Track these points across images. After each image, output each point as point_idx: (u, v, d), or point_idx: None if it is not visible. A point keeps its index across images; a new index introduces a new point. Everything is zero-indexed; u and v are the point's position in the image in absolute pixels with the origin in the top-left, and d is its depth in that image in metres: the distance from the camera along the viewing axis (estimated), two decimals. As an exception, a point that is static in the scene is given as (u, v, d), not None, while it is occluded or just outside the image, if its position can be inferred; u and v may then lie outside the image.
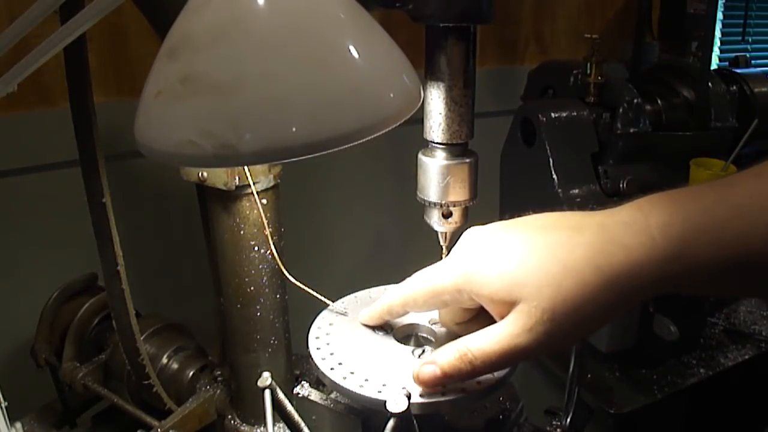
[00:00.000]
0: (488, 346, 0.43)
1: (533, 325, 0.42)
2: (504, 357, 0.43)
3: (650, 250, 0.41)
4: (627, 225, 0.42)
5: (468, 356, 0.44)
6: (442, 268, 0.48)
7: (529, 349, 0.42)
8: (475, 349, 0.44)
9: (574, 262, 0.42)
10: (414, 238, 0.90)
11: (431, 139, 0.55)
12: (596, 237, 0.42)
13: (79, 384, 0.84)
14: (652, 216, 0.42)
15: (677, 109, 1.15)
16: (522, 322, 0.42)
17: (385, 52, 0.39)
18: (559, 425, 0.61)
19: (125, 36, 1.10)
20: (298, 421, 0.50)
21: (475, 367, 0.44)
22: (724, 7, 1.79)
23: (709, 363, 1.02)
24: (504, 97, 1.35)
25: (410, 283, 0.50)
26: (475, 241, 0.47)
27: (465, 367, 0.44)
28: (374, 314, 0.54)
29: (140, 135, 0.37)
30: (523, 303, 0.42)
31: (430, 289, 0.48)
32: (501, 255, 0.44)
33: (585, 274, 0.41)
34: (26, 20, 0.43)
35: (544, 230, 0.45)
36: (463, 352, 0.44)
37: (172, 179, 0.70)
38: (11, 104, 1.03)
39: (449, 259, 0.48)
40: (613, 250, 0.41)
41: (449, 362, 0.44)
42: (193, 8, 0.36)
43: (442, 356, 0.45)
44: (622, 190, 1.04)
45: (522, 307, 0.42)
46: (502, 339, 0.43)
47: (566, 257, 0.42)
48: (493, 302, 0.44)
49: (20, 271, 1.10)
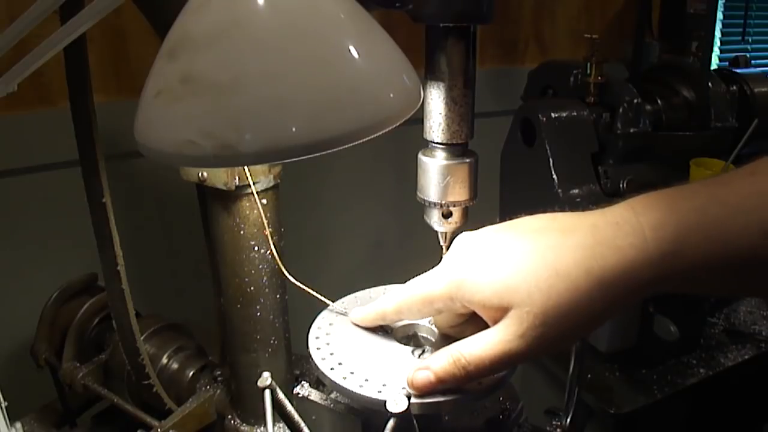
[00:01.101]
0: (481, 351, 0.44)
1: (525, 331, 0.42)
2: (497, 362, 0.43)
3: (642, 251, 0.40)
4: (619, 225, 0.42)
5: (461, 361, 0.44)
6: (433, 276, 0.48)
7: (522, 353, 0.43)
8: (468, 354, 0.44)
9: (565, 266, 0.42)
10: (414, 238, 0.90)
11: (431, 139, 0.55)
12: (587, 239, 0.42)
13: (79, 384, 0.84)
14: (644, 216, 0.41)
15: (677, 109, 1.15)
16: (514, 328, 0.42)
17: (385, 52, 0.39)
18: (559, 425, 0.61)
19: (125, 36, 1.10)
20: (298, 421, 0.50)
21: (468, 373, 0.44)
22: (724, 7, 1.79)
23: (709, 363, 1.02)
24: (504, 97, 1.35)
25: (403, 291, 0.50)
26: (466, 247, 0.47)
27: (458, 372, 0.44)
28: (367, 317, 0.54)
29: (140, 135, 0.37)
30: (515, 309, 0.42)
31: (422, 297, 0.48)
32: (492, 261, 0.44)
33: (576, 277, 0.41)
34: (26, 20, 0.43)
35: (535, 234, 0.44)
36: (456, 358, 0.44)
37: (172, 179, 0.70)
38: (11, 104, 1.03)
39: (441, 266, 0.48)
40: (604, 252, 0.41)
41: (443, 367, 0.45)
42: (193, 8, 0.36)
43: (435, 362, 0.45)
44: (622, 190, 1.04)
45: (514, 313, 0.42)
46: (495, 344, 0.43)
47: (557, 261, 0.42)
48: (485, 308, 0.44)
49: (20, 271, 1.10)
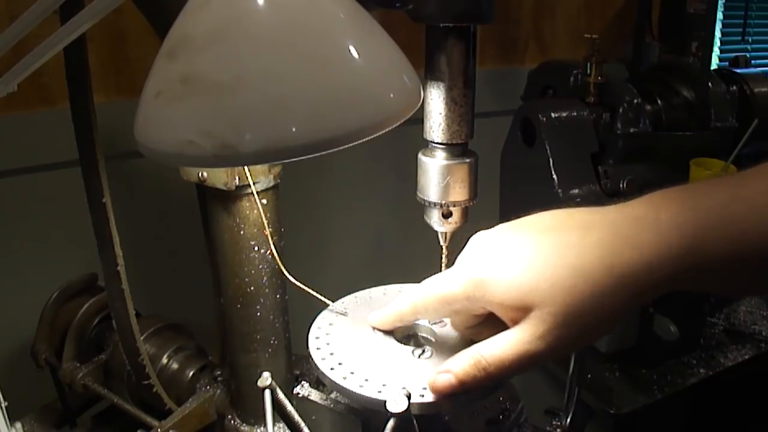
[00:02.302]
0: (502, 352, 0.43)
1: (546, 331, 0.41)
2: (518, 363, 0.43)
3: (663, 247, 0.40)
4: (638, 221, 0.41)
5: (482, 363, 0.43)
6: (451, 276, 0.47)
7: (543, 354, 0.42)
8: (488, 355, 0.43)
9: (585, 264, 0.41)
10: (414, 238, 0.90)
11: (431, 139, 0.55)
12: (607, 236, 0.42)
13: (79, 384, 0.84)
14: (665, 212, 0.41)
15: (677, 109, 1.15)
16: (535, 329, 0.42)
17: (385, 52, 0.39)
18: (559, 425, 0.61)
19: (125, 36, 1.10)
20: (298, 421, 0.50)
21: (489, 374, 0.43)
22: (724, 7, 1.79)
23: (709, 363, 1.02)
24: (504, 97, 1.35)
25: (419, 292, 0.49)
26: (483, 246, 0.46)
27: (479, 374, 0.43)
28: (386, 320, 0.53)
29: (140, 135, 0.37)
30: (537, 309, 0.42)
31: (439, 298, 0.47)
32: (511, 261, 0.44)
33: (597, 276, 0.41)
34: (26, 20, 0.43)
35: (553, 232, 0.44)
36: (477, 359, 0.44)
37: (172, 179, 0.70)
38: (11, 104, 1.03)
39: (457, 266, 0.47)
40: (624, 249, 0.41)
41: (464, 369, 0.44)
42: (193, 8, 0.36)
43: (456, 364, 0.45)
44: (622, 190, 1.04)
45: (535, 314, 0.42)
46: (516, 345, 0.42)
47: (577, 260, 0.41)
48: (505, 309, 0.44)
49: (20, 271, 1.10)
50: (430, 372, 0.49)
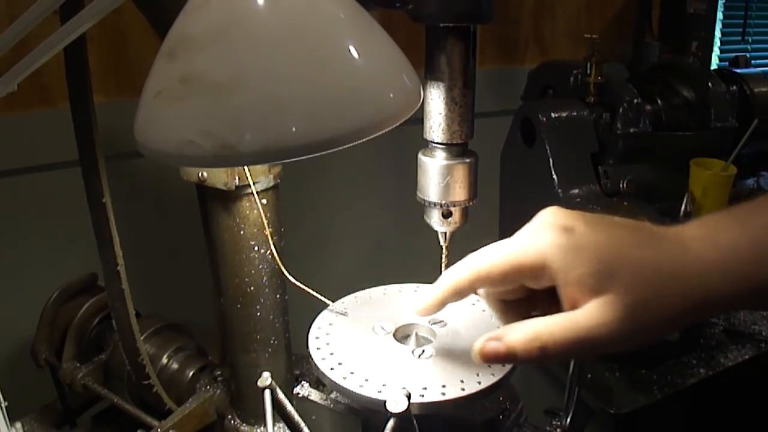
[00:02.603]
0: (565, 333, 0.41)
1: (613, 320, 0.40)
2: (577, 347, 0.41)
3: (723, 271, 0.40)
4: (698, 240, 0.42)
5: (542, 338, 0.41)
6: (521, 242, 0.44)
7: (602, 344, 0.41)
8: (550, 333, 0.41)
9: (662, 265, 0.41)
10: (414, 238, 0.90)
11: (431, 139, 0.55)
12: (677, 248, 0.42)
13: (79, 384, 0.84)
14: (722, 235, 0.41)
15: (677, 109, 1.15)
16: (603, 314, 0.40)
17: (385, 52, 0.39)
18: (559, 425, 0.61)
19: (125, 36, 1.10)
20: (298, 421, 0.50)
21: (545, 352, 0.41)
22: (724, 7, 1.79)
23: (709, 363, 1.02)
24: (504, 97, 1.35)
25: (482, 257, 0.45)
26: (561, 220, 0.44)
27: (534, 350, 0.41)
28: (434, 301, 0.48)
29: (140, 135, 0.37)
30: (611, 294, 0.40)
31: (511, 263, 0.43)
32: (593, 241, 0.42)
33: (670, 280, 0.40)
34: (26, 20, 0.43)
35: (631, 230, 0.43)
36: (538, 333, 0.41)
37: (172, 179, 0.70)
38: (11, 104, 1.03)
39: (528, 234, 0.44)
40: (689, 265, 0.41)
41: (519, 341, 0.42)
42: (193, 8, 0.36)
43: (512, 333, 0.42)
44: (622, 190, 1.04)
45: (608, 299, 0.40)
46: (581, 329, 0.40)
47: (656, 257, 0.41)
48: (576, 286, 0.41)
49: (20, 271, 1.10)
50: (430, 372, 0.50)
